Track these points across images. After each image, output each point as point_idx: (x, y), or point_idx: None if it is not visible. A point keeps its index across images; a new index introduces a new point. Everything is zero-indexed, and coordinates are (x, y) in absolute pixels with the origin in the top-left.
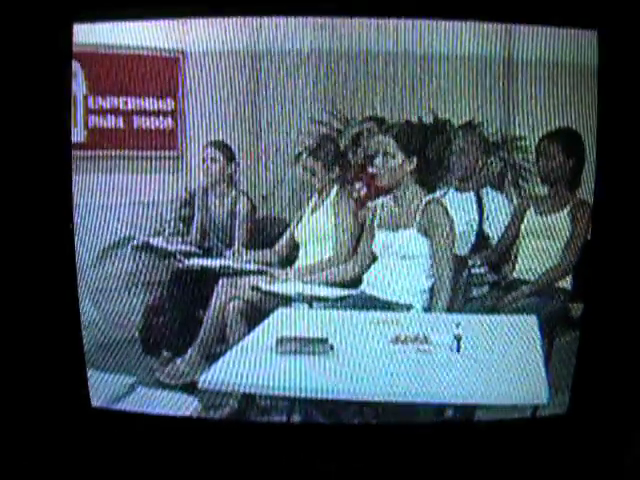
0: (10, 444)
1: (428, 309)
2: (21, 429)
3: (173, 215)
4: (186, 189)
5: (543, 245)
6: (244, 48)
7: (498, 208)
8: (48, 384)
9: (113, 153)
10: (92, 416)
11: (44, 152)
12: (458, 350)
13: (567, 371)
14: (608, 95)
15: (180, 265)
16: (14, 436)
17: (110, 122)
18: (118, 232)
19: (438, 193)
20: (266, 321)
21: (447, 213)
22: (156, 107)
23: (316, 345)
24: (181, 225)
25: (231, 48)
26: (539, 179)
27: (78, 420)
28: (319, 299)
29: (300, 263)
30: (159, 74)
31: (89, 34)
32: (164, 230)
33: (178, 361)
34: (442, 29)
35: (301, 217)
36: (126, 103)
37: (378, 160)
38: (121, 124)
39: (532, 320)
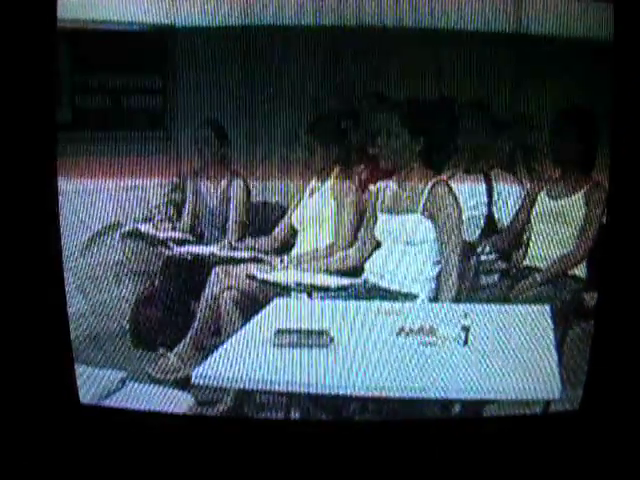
0: None
1: (434, 299)
2: (7, 427)
3: (163, 200)
4: (176, 172)
5: (556, 230)
6: (237, 22)
7: (508, 191)
8: (35, 380)
9: (100, 134)
10: (81, 413)
11: (28, 134)
12: (466, 342)
13: (580, 364)
14: (624, 72)
15: (171, 253)
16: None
17: (96, 101)
18: (105, 218)
19: (445, 175)
20: (262, 312)
21: (454, 196)
22: (144, 85)
23: (315, 337)
24: (172, 210)
25: (223, 22)
26: (552, 160)
27: (67, 417)
28: (318, 288)
29: (298, 250)
30: (147, 51)
31: (74, 9)
32: (154, 216)
33: (170, 355)
34: (449, 2)
35: (299, 201)
36: (113, 81)
37: (381, 139)
38: (108, 103)
39: (544, 310)
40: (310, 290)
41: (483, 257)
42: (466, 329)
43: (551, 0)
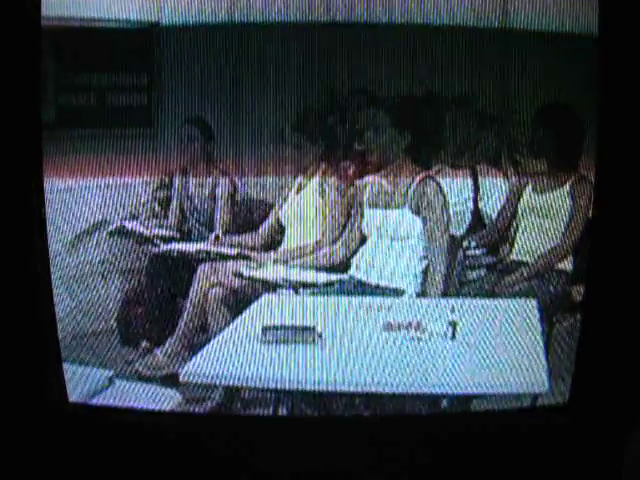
0: None
1: (421, 294)
2: None
3: (149, 197)
4: (163, 170)
5: (542, 225)
6: (223, 20)
7: (494, 185)
8: (22, 379)
9: (85, 132)
10: (69, 411)
11: (12, 133)
12: (453, 337)
13: (568, 358)
14: (609, 67)
15: (158, 250)
16: None
17: (81, 99)
18: (92, 217)
19: (432, 170)
20: (250, 309)
21: (441, 191)
22: (130, 82)
23: (303, 334)
24: (158, 208)
25: (209, 20)
26: (537, 155)
27: (55, 416)
28: (306, 285)
29: (285, 247)
30: (132, 48)
31: (59, 6)
32: (140, 214)
33: (157, 352)
34: None
35: (286, 197)
36: (98, 79)
37: (368, 135)
38: (93, 101)
39: (531, 304)
40: (297, 286)
41: (470, 252)
42: (453, 324)
43: None
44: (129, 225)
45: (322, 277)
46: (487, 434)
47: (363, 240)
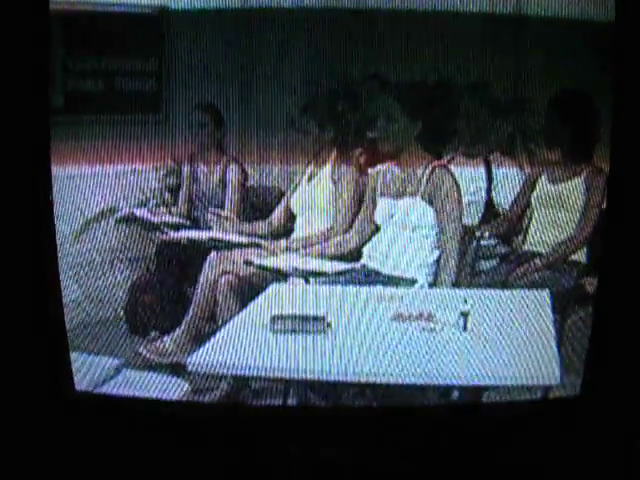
0: None
1: (433, 284)
2: (2, 415)
3: (158, 184)
4: (172, 156)
5: (556, 215)
6: (234, 4)
7: (508, 175)
8: (30, 367)
9: (93, 118)
10: (76, 400)
11: (20, 118)
12: (465, 328)
13: (580, 350)
14: (625, 55)
15: (166, 238)
16: None
17: (90, 84)
18: (100, 203)
19: (445, 159)
20: (259, 298)
21: (455, 180)
22: (139, 68)
23: (313, 323)
24: (167, 195)
25: (220, 4)
26: (551, 144)
27: (62, 404)
28: (316, 274)
29: (296, 235)
30: (142, 33)
31: None
32: (149, 201)
33: (166, 339)
34: None
35: (297, 185)
36: (107, 64)
37: (379, 123)
38: (102, 86)
39: (544, 295)
40: (307, 275)
41: (483, 242)
42: (465, 315)
43: None
44: (138, 212)
45: (333, 266)
46: (498, 426)
47: (375, 229)
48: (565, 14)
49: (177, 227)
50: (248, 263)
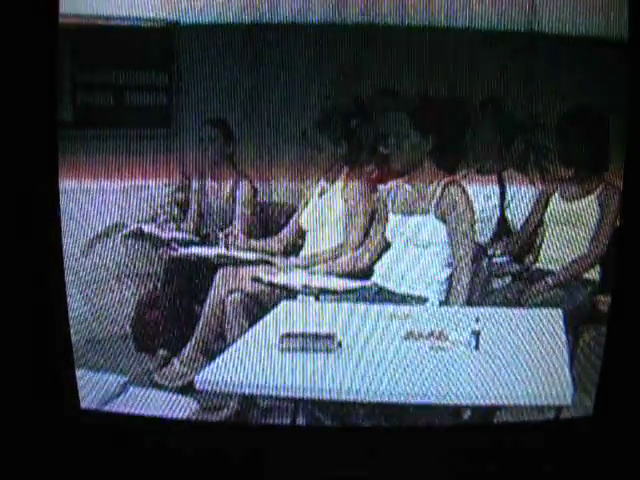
0: None
1: (445, 302)
2: (8, 431)
3: (167, 200)
4: (181, 171)
5: (569, 233)
6: (244, 19)
7: (521, 192)
8: (35, 384)
9: (102, 132)
10: (82, 418)
11: (28, 132)
12: (476, 347)
13: (593, 369)
14: (639, 71)
15: (175, 254)
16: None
17: (99, 99)
18: (108, 219)
19: (457, 175)
20: (268, 316)
21: (467, 197)
22: (149, 82)
23: (323, 341)
24: (176, 211)
25: (230, 19)
26: (564, 161)
27: (67, 422)
28: (326, 291)
29: (306, 252)
30: (152, 47)
31: (77, 4)
32: (158, 216)
33: (174, 361)
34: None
35: (308, 201)
36: (116, 78)
37: (391, 140)
38: (111, 100)
39: (557, 314)
40: (317, 293)
41: (495, 260)
42: (477, 333)
43: None
44: (146, 228)
45: (343, 283)
46: (510, 446)
47: (386, 246)
48: (578, 31)
49: (186, 243)
50: (258, 280)
